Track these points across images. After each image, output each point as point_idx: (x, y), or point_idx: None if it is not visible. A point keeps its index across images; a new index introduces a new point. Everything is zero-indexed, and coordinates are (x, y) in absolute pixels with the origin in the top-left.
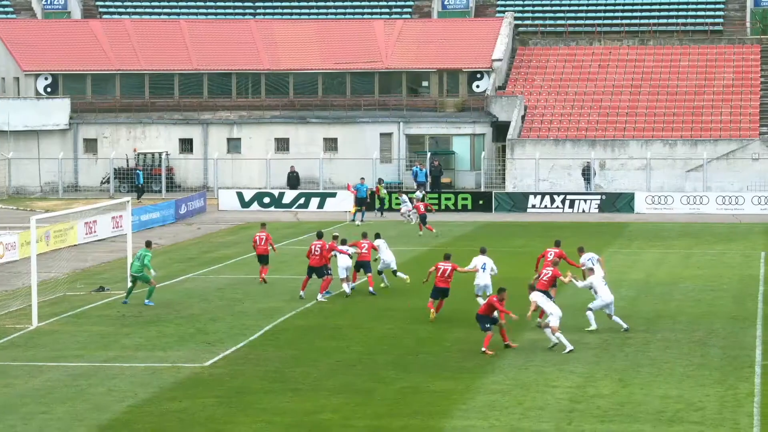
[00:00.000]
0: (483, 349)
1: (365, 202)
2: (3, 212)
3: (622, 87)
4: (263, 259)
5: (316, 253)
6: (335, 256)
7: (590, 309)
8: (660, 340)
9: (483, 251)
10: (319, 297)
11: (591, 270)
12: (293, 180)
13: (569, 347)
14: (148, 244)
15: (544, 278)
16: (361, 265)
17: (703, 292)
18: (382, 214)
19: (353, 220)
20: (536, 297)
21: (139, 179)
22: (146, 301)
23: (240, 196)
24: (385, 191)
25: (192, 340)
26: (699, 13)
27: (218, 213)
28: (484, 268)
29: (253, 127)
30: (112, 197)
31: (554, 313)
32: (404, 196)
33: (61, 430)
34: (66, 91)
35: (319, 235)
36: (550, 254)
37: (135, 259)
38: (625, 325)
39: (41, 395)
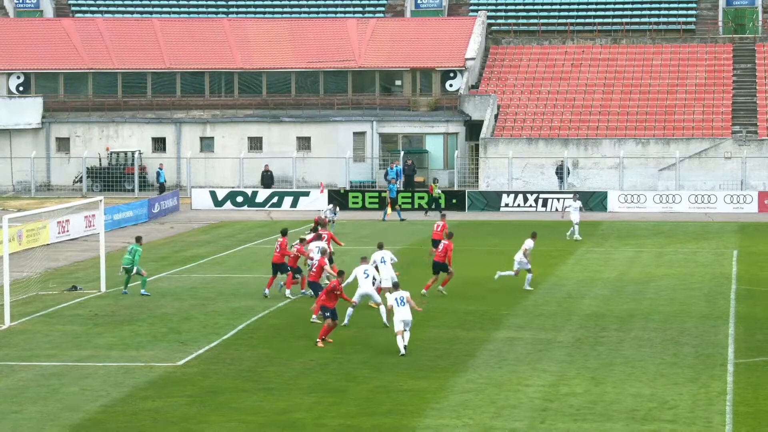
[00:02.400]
0: (318, 340)
1: (396, 201)
2: None
3: (595, 86)
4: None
5: (276, 250)
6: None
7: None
8: (633, 339)
9: (380, 246)
10: (287, 292)
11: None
12: (267, 179)
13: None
14: (138, 239)
15: None
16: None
17: (676, 291)
18: (431, 211)
19: (385, 219)
20: None
21: (161, 177)
22: (142, 291)
23: (213, 195)
24: (439, 190)
25: (165, 339)
26: (671, 12)
27: (191, 212)
28: (367, 275)
29: (226, 126)
30: (84, 196)
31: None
32: None
33: (33, 430)
34: (38, 90)
35: (284, 233)
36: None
37: (127, 253)
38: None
39: (13, 395)
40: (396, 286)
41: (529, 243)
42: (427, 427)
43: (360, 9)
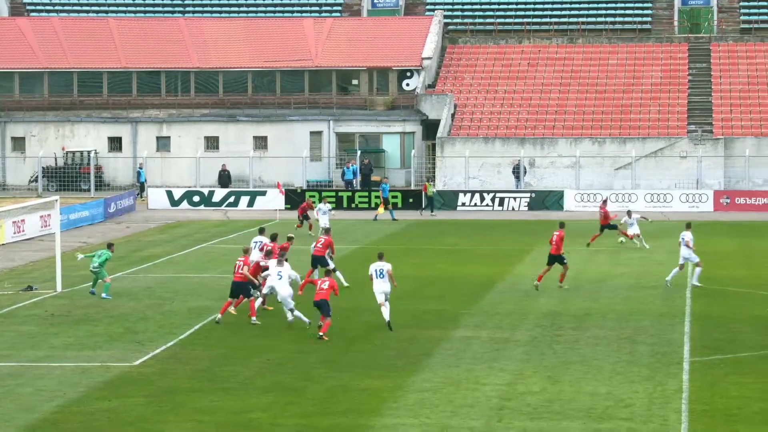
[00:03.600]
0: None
1: (389, 201)
2: None
3: (551, 85)
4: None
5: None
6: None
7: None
8: (589, 338)
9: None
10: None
11: None
12: (224, 179)
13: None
14: (110, 245)
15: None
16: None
17: (632, 290)
18: (432, 212)
19: (377, 219)
20: None
21: (141, 177)
22: (103, 294)
23: (170, 194)
24: (434, 189)
25: (121, 339)
26: (627, 11)
27: (148, 212)
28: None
29: (182, 126)
30: (40, 196)
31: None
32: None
33: None
34: None
35: (261, 232)
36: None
37: (95, 257)
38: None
39: None
40: (380, 257)
41: (688, 235)
42: (384, 427)
43: (317, 8)
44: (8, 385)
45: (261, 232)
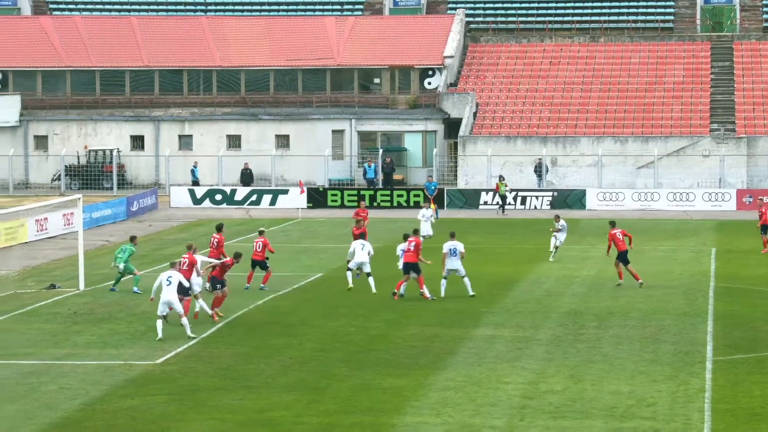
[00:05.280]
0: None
1: (434, 200)
2: None
3: (573, 84)
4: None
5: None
6: None
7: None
8: (611, 336)
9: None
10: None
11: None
12: (247, 177)
13: None
14: (132, 239)
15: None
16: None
17: (654, 289)
18: (503, 211)
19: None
20: None
21: (194, 175)
22: (134, 288)
23: (192, 193)
24: (507, 188)
25: (144, 337)
26: (649, 10)
27: (170, 210)
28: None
29: (204, 124)
30: (63, 194)
31: None
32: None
33: (11, 429)
34: (16, 88)
35: (261, 232)
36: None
37: (119, 251)
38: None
39: None
40: (453, 236)
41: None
42: (406, 425)
43: (338, 7)
44: (31, 383)
45: (218, 229)
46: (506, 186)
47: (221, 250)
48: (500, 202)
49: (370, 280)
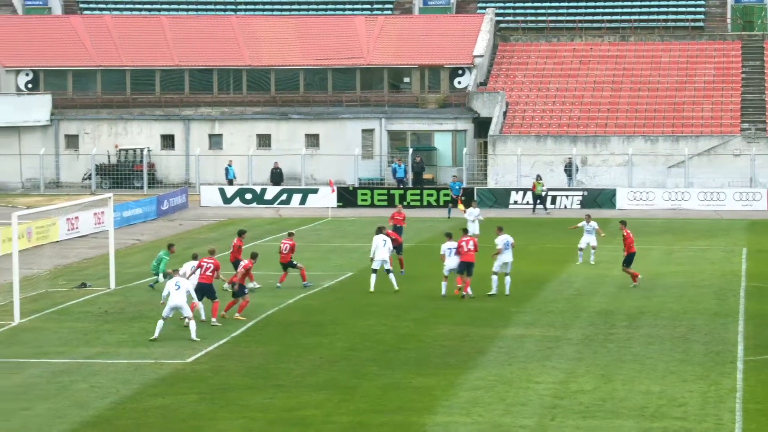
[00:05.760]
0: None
1: (457, 199)
2: None
3: (604, 83)
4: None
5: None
6: None
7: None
8: (642, 336)
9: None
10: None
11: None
12: (277, 176)
13: None
14: (170, 246)
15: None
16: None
17: (685, 288)
18: (546, 209)
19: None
20: None
21: (229, 174)
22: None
23: (222, 192)
24: (543, 187)
25: (174, 336)
26: (680, 9)
27: (200, 209)
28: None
29: (234, 124)
30: (93, 193)
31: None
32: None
33: (42, 427)
34: (47, 87)
35: (290, 234)
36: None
37: (156, 261)
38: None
39: (22, 392)
40: (501, 230)
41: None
42: (437, 425)
43: (368, 6)
44: (62, 382)
45: (240, 234)
46: (543, 185)
47: (239, 255)
48: (536, 202)
49: (391, 277)
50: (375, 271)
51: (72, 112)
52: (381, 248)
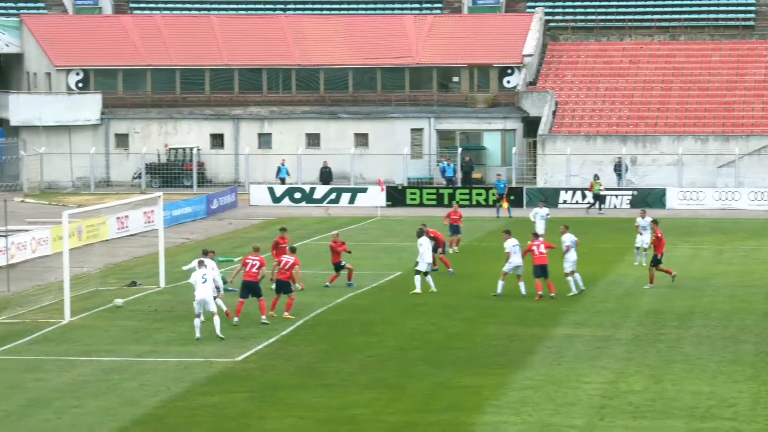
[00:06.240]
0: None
1: (502, 197)
2: (35, 207)
3: (653, 82)
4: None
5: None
6: None
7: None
8: (692, 336)
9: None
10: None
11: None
12: (326, 175)
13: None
14: (206, 253)
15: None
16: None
17: (736, 288)
18: (599, 209)
19: (509, 215)
20: None
21: (281, 173)
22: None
23: (271, 191)
24: (601, 187)
25: (224, 334)
26: (730, 8)
27: (249, 208)
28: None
29: (283, 123)
30: (143, 192)
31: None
32: None
33: (93, 425)
34: (97, 87)
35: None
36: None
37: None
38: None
39: (74, 390)
40: (567, 228)
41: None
42: (486, 424)
43: (417, 5)
44: (113, 380)
45: (282, 231)
46: (601, 185)
47: (283, 252)
48: (593, 202)
49: (428, 279)
50: (423, 273)
51: (122, 112)
52: (429, 251)
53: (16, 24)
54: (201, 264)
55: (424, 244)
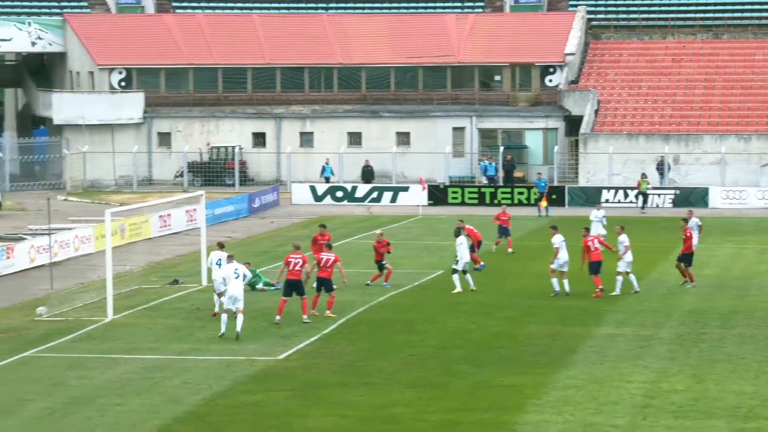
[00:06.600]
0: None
1: (542, 196)
2: (78, 205)
3: (696, 81)
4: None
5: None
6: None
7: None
8: (735, 336)
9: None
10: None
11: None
12: (368, 174)
13: None
14: (230, 257)
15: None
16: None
17: None
18: (642, 208)
19: (546, 215)
20: None
21: (326, 172)
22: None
23: (313, 190)
24: (648, 185)
25: (266, 333)
26: None
27: (291, 207)
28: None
29: (325, 122)
30: (185, 191)
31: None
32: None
33: (136, 422)
34: (140, 85)
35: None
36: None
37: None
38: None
39: (117, 387)
40: (623, 229)
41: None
42: (528, 423)
43: (459, 4)
44: (155, 378)
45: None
46: (648, 183)
47: (321, 248)
48: (642, 200)
49: (467, 276)
50: (463, 272)
51: (164, 110)
52: (467, 250)
53: (59, 23)
54: (230, 258)
55: (463, 243)
